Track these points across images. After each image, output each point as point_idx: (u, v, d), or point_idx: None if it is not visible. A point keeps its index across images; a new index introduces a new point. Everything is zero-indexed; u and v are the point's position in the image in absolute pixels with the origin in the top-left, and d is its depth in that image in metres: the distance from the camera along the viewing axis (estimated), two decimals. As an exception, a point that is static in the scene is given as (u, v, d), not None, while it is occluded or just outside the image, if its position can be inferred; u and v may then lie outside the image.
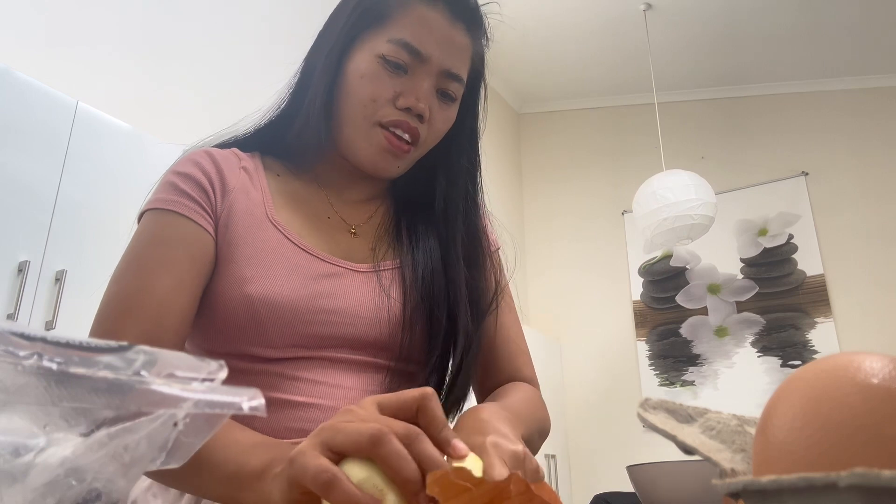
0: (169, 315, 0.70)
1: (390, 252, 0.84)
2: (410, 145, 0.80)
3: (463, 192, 0.87)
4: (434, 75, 0.79)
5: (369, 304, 0.77)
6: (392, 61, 0.77)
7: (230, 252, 0.75)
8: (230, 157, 0.83)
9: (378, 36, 0.78)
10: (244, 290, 0.73)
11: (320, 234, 0.81)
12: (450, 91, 0.81)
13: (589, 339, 4.41)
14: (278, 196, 0.82)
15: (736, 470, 0.37)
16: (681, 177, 3.18)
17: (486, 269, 0.87)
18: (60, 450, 0.30)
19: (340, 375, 0.75)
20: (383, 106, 0.78)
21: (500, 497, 0.41)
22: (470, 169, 0.89)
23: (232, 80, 2.77)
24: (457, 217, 0.86)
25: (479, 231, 0.88)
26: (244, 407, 0.32)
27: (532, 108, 5.08)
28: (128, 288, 0.71)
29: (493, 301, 0.86)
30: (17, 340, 0.29)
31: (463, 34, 0.81)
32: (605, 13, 3.93)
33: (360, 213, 0.87)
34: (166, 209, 0.75)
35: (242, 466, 0.55)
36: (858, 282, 3.76)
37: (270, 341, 0.73)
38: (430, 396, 0.47)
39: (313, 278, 0.76)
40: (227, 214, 0.77)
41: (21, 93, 1.81)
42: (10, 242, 1.71)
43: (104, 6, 2.46)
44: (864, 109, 4.00)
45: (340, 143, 0.83)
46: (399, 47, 0.77)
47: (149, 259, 0.73)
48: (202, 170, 0.79)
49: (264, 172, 0.84)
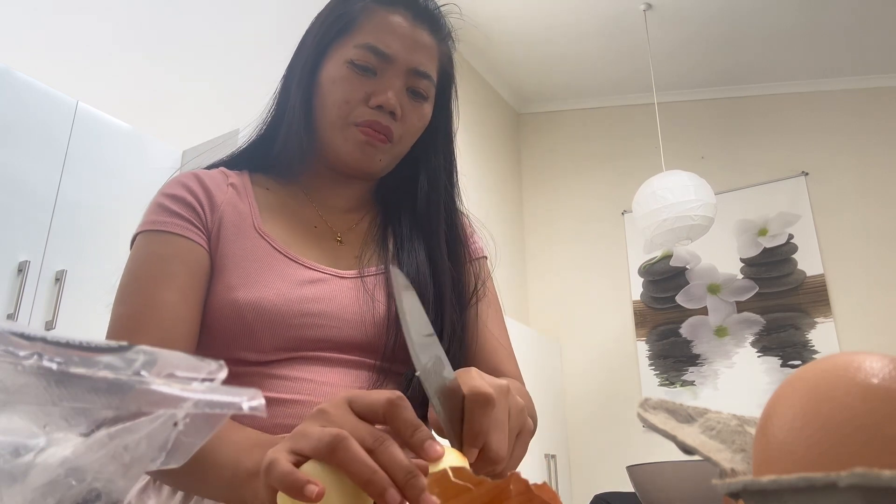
0: (177, 327, 0.73)
1: (375, 258, 0.87)
2: (387, 138, 0.83)
3: (442, 190, 0.91)
4: (402, 74, 0.83)
5: (354, 307, 0.80)
6: (360, 65, 0.82)
7: (220, 262, 0.79)
8: (217, 175, 0.87)
9: (346, 44, 0.83)
10: (232, 296, 0.75)
11: (307, 243, 0.84)
12: (420, 89, 0.85)
13: (589, 339, 4.41)
14: (266, 209, 0.86)
15: (736, 470, 0.37)
16: (681, 177, 3.18)
17: (466, 262, 0.90)
18: (60, 450, 0.30)
19: (327, 372, 0.77)
20: (356, 106, 0.82)
21: (500, 497, 0.41)
22: (447, 167, 0.93)
23: (232, 81, 2.77)
24: (439, 215, 0.89)
25: (459, 226, 0.92)
26: (244, 407, 0.32)
27: (532, 108, 5.08)
28: (133, 307, 0.74)
29: (473, 294, 0.89)
30: (17, 340, 0.29)
31: (426, 34, 0.85)
32: (605, 13, 3.93)
33: (346, 221, 0.91)
34: (159, 230, 0.78)
35: (239, 467, 0.57)
36: (858, 282, 3.76)
37: (259, 345, 0.75)
38: (397, 402, 0.47)
39: (300, 284, 0.78)
40: (217, 228, 0.81)
41: (21, 93, 1.81)
42: (10, 242, 1.71)
43: (104, 6, 2.46)
44: (864, 109, 4.00)
45: (322, 149, 0.87)
46: (365, 51, 0.82)
47: (149, 276, 0.75)
48: (189, 190, 0.82)
49: (252, 188, 0.88)
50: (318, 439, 0.44)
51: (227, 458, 0.59)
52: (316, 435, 0.44)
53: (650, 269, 4.36)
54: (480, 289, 0.91)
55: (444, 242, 0.88)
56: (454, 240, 0.90)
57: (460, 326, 0.84)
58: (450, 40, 0.91)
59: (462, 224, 0.94)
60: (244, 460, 0.57)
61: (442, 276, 0.85)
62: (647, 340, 4.25)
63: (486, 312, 0.91)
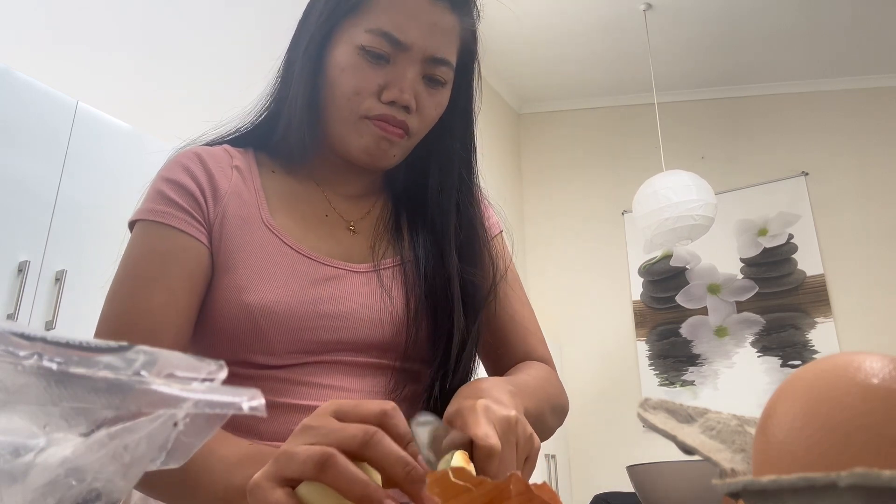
0: (163, 332, 0.70)
1: (390, 249, 0.81)
2: (404, 132, 0.77)
3: (456, 179, 0.83)
4: (418, 62, 0.75)
5: (371, 306, 0.76)
6: (372, 52, 0.73)
7: (226, 260, 0.74)
8: (221, 155, 0.81)
9: (355, 25, 0.74)
10: (242, 298, 0.71)
11: (318, 234, 0.79)
12: (437, 76, 0.77)
13: (589, 339, 4.41)
14: (273, 196, 0.80)
15: (736, 470, 0.37)
16: (681, 177, 3.18)
17: (482, 259, 0.83)
18: (60, 450, 0.30)
19: (345, 378, 0.74)
20: (367, 99, 0.75)
21: (500, 497, 0.41)
22: (464, 154, 0.84)
23: (232, 80, 2.77)
24: (450, 206, 0.82)
25: (475, 219, 0.85)
26: (244, 407, 0.32)
27: (532, 108, 5.08)
28: (121, 307, 0.71)
29: (489, 293, 0.82)
30: (17, 340, 0.29)
31: (446, 13, 0.76)
32: (605, 13, 3.93)
33: (358, 209, 0.85)
34: (157, 221, 0.74)
35: (229, 486, 0.56)
36: (858, 282, 3.76)
37: (272, 349, 0.71)
38: (390, 413, 0.46)
39: (312, 283, 0.74)
40: (221, 221, 0.75)
41: (21, 93, 1.81)
42: (10, 242, 1.71)
43: (104, 6, 2.46)
44: (864, 109, 4.00)
45: (331, 140, 0.80)
46: (378, 37, 0.73)
47: (141, 275, 0.72)
48: (192, 176, 0.76)
49: (258, 170, 0.82)
50: (305, 461, 0.42)
51: (217, 480, 0.57)
52: (302, 456, 0.43)
53: (650, 269, 4.36)
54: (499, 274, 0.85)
55: (453, 238, 0.81)
56: (470, 237, 0.83)
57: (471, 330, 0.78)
58: (475, 10, 0.81)
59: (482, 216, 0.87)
60: (236, 475, 0.56)
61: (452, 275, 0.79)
62: (647, 340, 4.25)
63: (510, 296, 0.86)
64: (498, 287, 0.84)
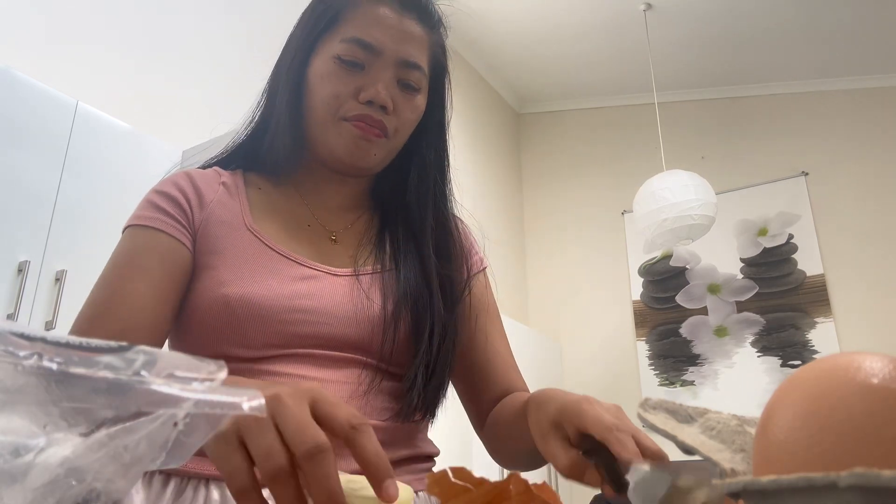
0: (141, 316, 0.72)
1: (371, 259, 0.85)
2: (382, 132, 0.81)
3: (432, 184, 0.89)
4: (391, 66, 0.81)
5: (347, 304, 0.78)
6: (348, 60, 0.80)
7: (208, 259, 0.78)
8: (210, 174, 0.86)
9: (332, 38, 0.81)
10: (222, 291, 0.74)
11: (299, 241, 0.83)
12: (411, 81, 0.82)
13: (589, 339, 4.41)
14: (257, 207, 0.84)
15: (736, 470, 0.37)
16: (681, 177, 3.18)
17: (456, 256, 0.89)
18: (60, 450, 0.30)
19: (322, 370, 0.75)
20: (346, 101, 0.80)
21: (500, 497, 0.41)
22: (438, 162, 0.90)
23: (232, 80, 2.77)
24: (427, 210, 0.87)
25: (448, 220, 0.90)
26: (244, 407, 0.32)
27: (532, 108, 5.08)
28: (102, 294, 0.74)
29: (465, 286, 0.88)
30: (17, 340, 0.29)
31: (415, 24, 0.83)
32: (605, 13, 3.93)
33: (341, 220, 0.89)
34: (144, 225, 0.78)
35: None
36: (858, 282, 3.76)
37: (249, 341, 0.74)
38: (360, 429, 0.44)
39: (291, 280, 0.77)
40: (204, 225, 0.80)
41: (21, 93, 1.81)
42: (10, 242, 1.71)
43: (104, 6, 2.46)
44: (864, 109, 4.00)
45: (314, 146, 0.85)
46: (352, 45, 0.80)
47: (123, 268, 0.76)
48: (179, 188, 0.82)
49: (244, 188, 0.86)
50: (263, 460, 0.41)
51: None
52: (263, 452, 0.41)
53: (650, 269, 4.36)
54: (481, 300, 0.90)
55: (430, 238, 0.86)
56: (444, 236, 0.88)
57: (450, 321, 0.82)
58: (441, 28, 0.88)
59: (453, 219, 0.92)
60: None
61: (430, 274, 0.83)
62: (647, 340, 4.25)
63: (492, 332, 0.90)
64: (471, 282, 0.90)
